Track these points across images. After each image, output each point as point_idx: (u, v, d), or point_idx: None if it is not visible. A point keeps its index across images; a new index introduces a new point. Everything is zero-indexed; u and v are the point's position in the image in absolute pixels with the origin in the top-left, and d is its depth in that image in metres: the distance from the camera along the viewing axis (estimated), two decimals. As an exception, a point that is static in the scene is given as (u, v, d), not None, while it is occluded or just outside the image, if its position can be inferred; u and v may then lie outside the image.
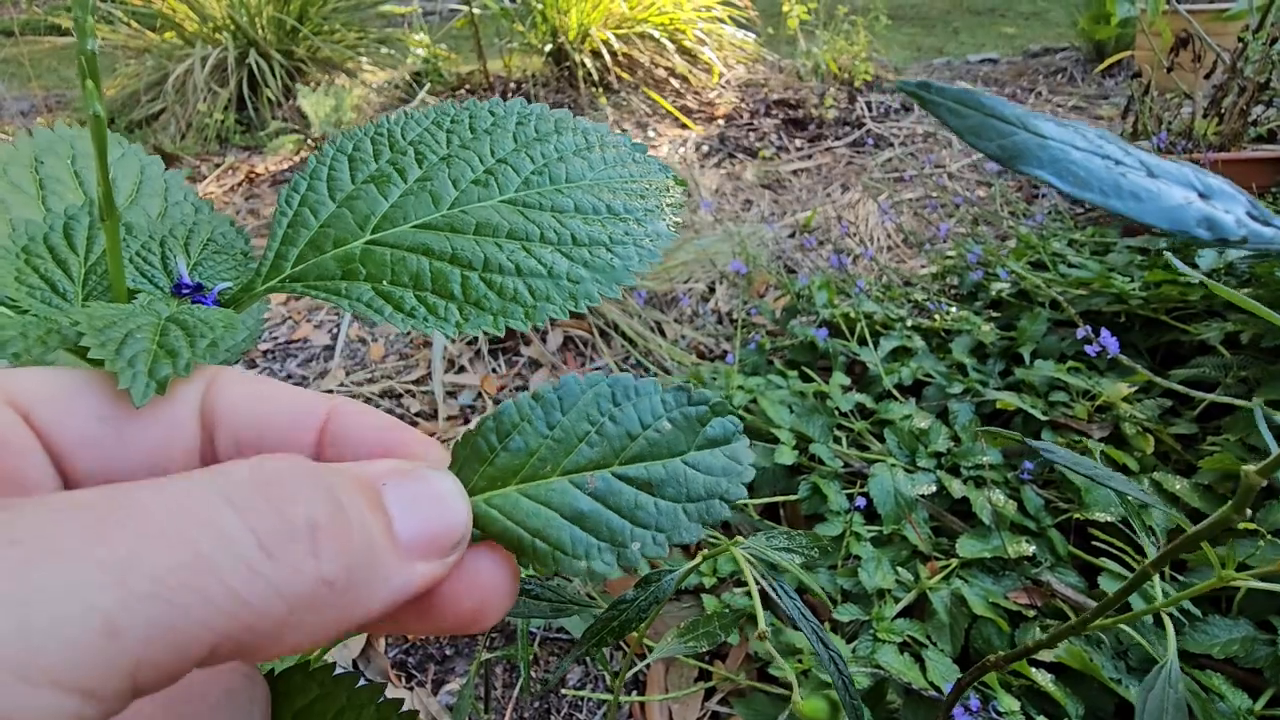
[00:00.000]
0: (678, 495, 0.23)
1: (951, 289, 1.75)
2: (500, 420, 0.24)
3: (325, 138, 2.92)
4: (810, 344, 1.46)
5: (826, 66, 3.43)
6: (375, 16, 4.13)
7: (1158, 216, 0.15)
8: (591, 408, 0.24)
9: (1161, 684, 0.35)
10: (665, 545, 0.22)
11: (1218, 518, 0.35)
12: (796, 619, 0.33)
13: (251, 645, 0.16)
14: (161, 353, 0.22)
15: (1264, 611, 0.85)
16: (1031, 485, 1.06)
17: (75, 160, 0.35)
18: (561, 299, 0.28)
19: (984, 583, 0.94)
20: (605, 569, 0.22)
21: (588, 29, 3.44)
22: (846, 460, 1.17)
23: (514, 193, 0.31)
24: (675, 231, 0.31)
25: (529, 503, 0.23)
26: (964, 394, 1.26)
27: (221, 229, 0.32)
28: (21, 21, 4.29)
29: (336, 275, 0.29)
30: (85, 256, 0.29)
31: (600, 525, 0.22)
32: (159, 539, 0.15)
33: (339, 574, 0.17)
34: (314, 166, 0.31)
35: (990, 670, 0.46)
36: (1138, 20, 2.23)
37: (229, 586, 0.16)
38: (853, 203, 2.39)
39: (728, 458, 0.23)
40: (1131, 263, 1.48)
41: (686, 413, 0.24)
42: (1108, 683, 0.80)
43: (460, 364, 1.70)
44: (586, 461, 0.23)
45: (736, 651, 1.02)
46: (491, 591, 0.22)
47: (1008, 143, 0.15)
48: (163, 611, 0.15)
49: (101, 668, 0.14)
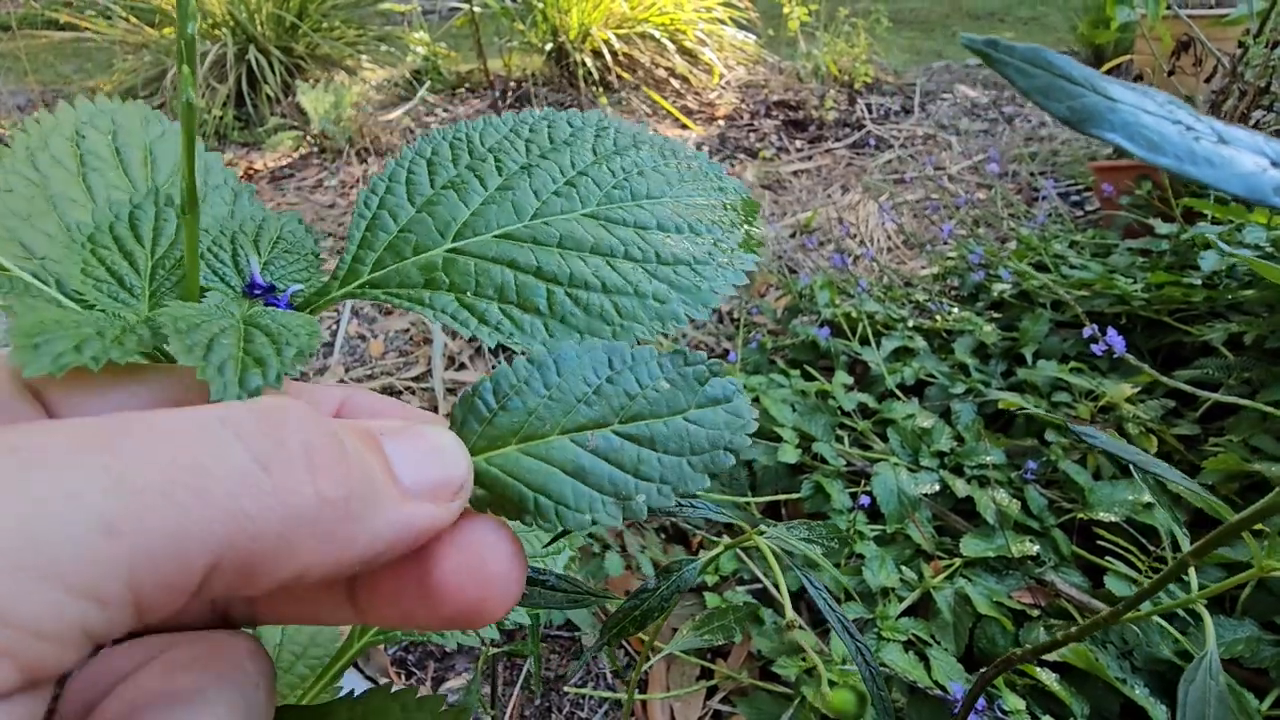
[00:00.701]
0: (680, 449, 0.22)
1: (952, 290, 1.75)
2: (498, 382, 0.24)
3: (324, 134, 2.91)
4: (812, 343, 1.45)
5: (827, 68, 3.43)
6: (375, 14, 4.12)
7: (1234, 183, 0.15)
8: (589, 370, 0.24)
9: (1203, 676, 0.35)
10: (671, 496, 0.22)
11: (1267, 502, 0.34)
12: (824, 610, 0.33)
13: (253, 563, 0.16)
14: (249, 360, 0.21)
15: (1269, 612, 0.85)
16: (1035, 485, 1.06)
17: (116, 136, 0.34)
18: (648, 319, 0.27)
19: (988, 582, 0.94)
20: (610, 519, 0.22)
21: (588, 28, 3.44)
22: (849, 459, 1.17)
23: (595, 206, 0.30)
24: (758, 253, 0.30)
25: (530, 460, 0.22)
26: (966, 394, 1.26)
27: (290, 226, 0.31)
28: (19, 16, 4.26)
29: (419, 283, 0.28)
30: (152, 250, 0.28)
31: (603, 480, 0.22)
32: (159, 448, 0.15)
33: (337, 493, 0.17)
34: (393, 169, 0.30)
35: (1015, 665, 0.46)
36: (1137, 25, 2.24)
37: (229, 492, 0.16)
38: (853, 204, 2.39)
39: (729, 413, 0.23)
40: (1133, 264, 1.48)
41: (684, 373, 0.24)
42: (1113, 682, 0.79)
43: (460, 361, 1.69)
44: (586, 420, 0.23)
45: (739, 650, 1.01)
46: (498, 578, 0.21)
47: (1077, 104, 0.15)
48: (161, 513, 0.15)
49: (103, 568, 0.14)
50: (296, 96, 3.07)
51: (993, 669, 0.46)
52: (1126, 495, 1.00)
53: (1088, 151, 2.59)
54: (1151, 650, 0.83)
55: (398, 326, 1.84)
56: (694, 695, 0.97)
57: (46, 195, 0.31)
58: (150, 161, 0.34)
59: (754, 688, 0.94)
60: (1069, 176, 2.44)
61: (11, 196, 0.30)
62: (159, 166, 0.34)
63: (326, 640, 0.55)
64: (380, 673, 1.03)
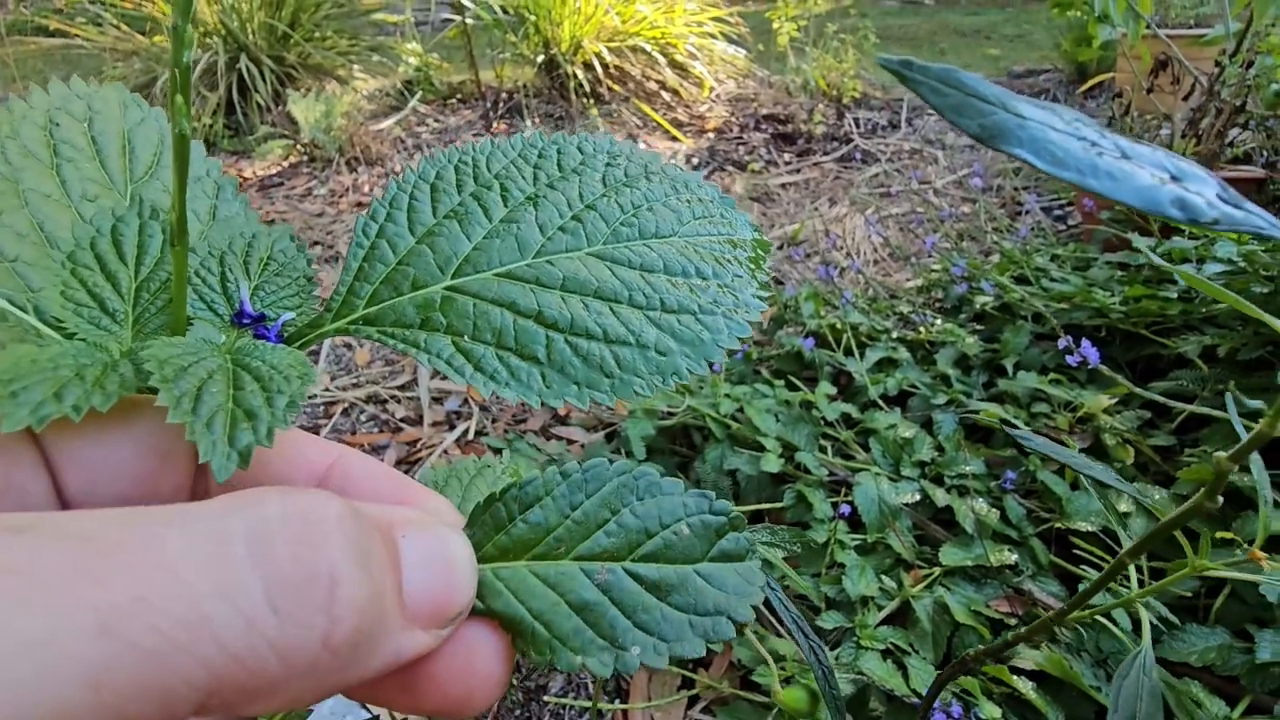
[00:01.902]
0: (685, 605, 0.22)
1: (936, 302, 1.77)
2: (525, 491, 0.23)
3: (314, 143, 2.92)
4: (797, 354, 1.47)
5: (815, 83, 3.47)
6: (367, 25, 4.15)
7: (1132, 195, 0.15)
8: (614, 496, 0.23)
9: (1136, 672, 0.35)
10: (666, 656, 0.21)
11: (1192, 504, 0.35)
12: (778, 608, 0.33)
13: (240, 703, 0.16)
14: (240, 412, 0.20)
15: (1240, 620, 0.86)
16: (1014, 495, 1.07)
17: (92, 123, 0.33)
18: (648, 372, 0.26)
19: (966, 591, 0.95)
20: (600, 669, 0.21)
21: (580, 41, 3.47)
22: (831, 469, 1.18)
23: (601, 245, 0.29)
24: (764, 302, 0.29)
25: (536, 582, 0.22)
26: (948, 404, 1.28)
27: (281, 244, 0.30)
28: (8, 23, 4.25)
29: (415, 323, 0.27)
30: (135, 270, 0.27)
31: (602, 621, 0.21)
32: (161, 587, 0.15)
33: (345, 638, 0.17)
34: (394, 194, 0.29)
35: (969, 668, 0.47)
36: (1118, 43, 2.29)
37: (225, 647, 0.15)
38: (840, 216, 2.42)
39: (740, 576, 0.22)
40: (1112, 278, 1.50)
41: (706, 520, 0.23)
42: (1087, 690, 0.80)
43: (447, 370, 1.69)
44: (601, 550, 0.22)
45: (720, 660, 1.01)
46: (484, 680, 0.21)
47: (988, 121, 0.16)
48: (150, 668, 0.14)
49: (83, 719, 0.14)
50: (287, 105, 3.08)
51: (948, 670, 0.46)
52: (1103, 505, 1.01)
53: (1070, 167, 2.63)
54: (1126, 658, 0.84)
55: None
56: (675, 705, 0.97)
57: (18, 190, 0.30)
58: (128, 151, 0.33)
59: (734, 696, 0.94)
60: (1051, 191, 2.48)
61: None
62: (137, 156, 0.33)
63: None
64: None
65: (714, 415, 1.26)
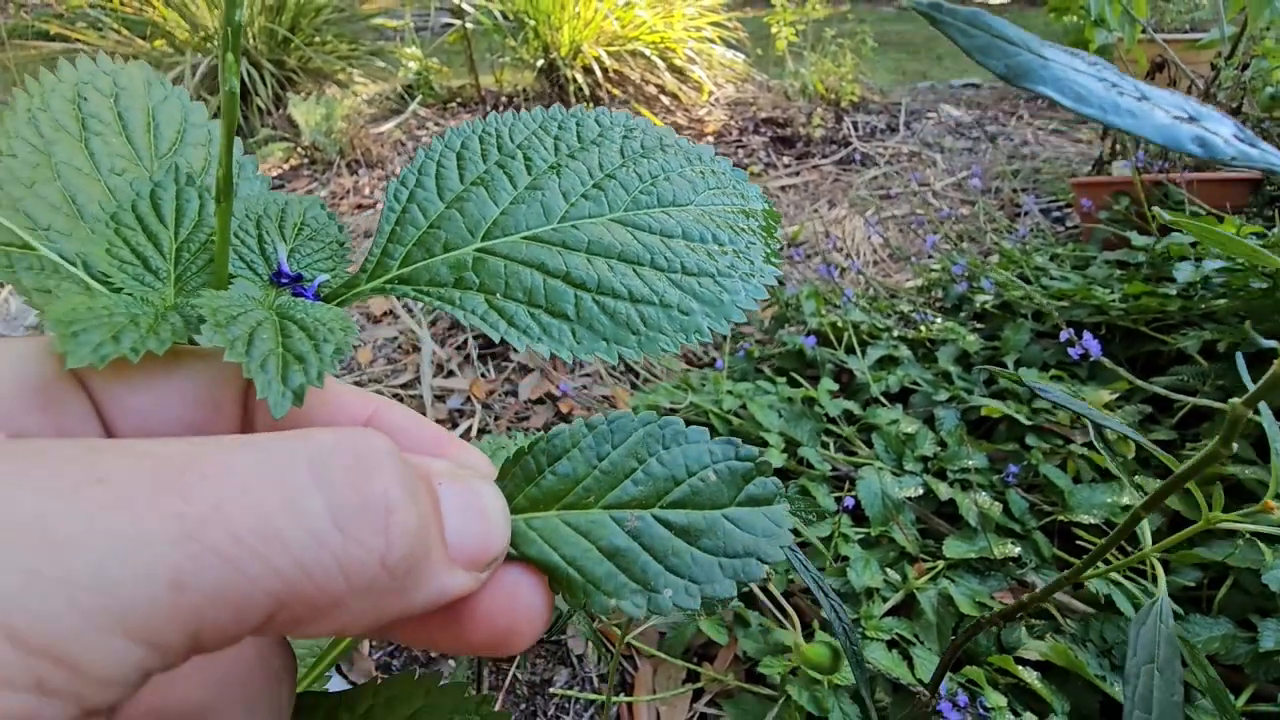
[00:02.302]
0: (715, 549, 0.22)
1: (936, 301, 1.78)
2: (553, 443, 0.24)
3: (315, 146, 2.92)
4: (798, 352, 1.47)
5: (814, 87, 3.49)
6: (367, 29, 4.16)
7: (1152, 131, 0.16)
8: (641, 446, 0.24)
9: (1153, 619, 0.36)
10: (698, 598, 0.21)
11: (1206, 453, 0.36)
12: (798, 568, 0.34)
13: (305, 618, 0.17)
14: (290, 357, 0.21)
15: (1243, 610, 0.87)
16: (1016, 489, 1.08)
17: (119, 99, 0.33)
18: (672, 329, 0.27)
19: (970, 583, 0.95)
20: (634, 610, 0.21)
21: (579, 45, 3.49)
22: (834, 464, 1.18)
23: (623, 211, 0.30)
24: (777, 267, 0.30)
25: (568, 530, 0.22)
26: (950, 401, 1.28)
27: (313, 212, 0.31)
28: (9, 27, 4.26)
29: (449, 282, 0.28)
30: (175, 231, 0.27)
31: (634, 565, 0.22)
32: (235, 500, 0.16)
33: (399, 561, 0.17)
34: (422, 162, 0.30)
35: (981, 630, 0.47)
36: (1114, 48, 2.30)
37: (296, 559, 0.16)
38: (839, 218, 2.43)
39: (768, 519, 0.23)
40: (1111, 276, 1.51)
41: (733, 466, 0.23)
42: (1093, 679, 0.80)
43: (449, 369, 1.70)
44: (629, 498, 0.23)
45: (725, 653, 1.02)
46: (526, 613, 0.22)
47: (1013, 61, 0.16)
48: (228, 573, 0.15)
49: (165, 619, 0.14)
50: (288, 109, 3.09)
51: (963, 635, 0.47)
52: (1105, 498, 1.01)
53: (1068, 169, 2.65)
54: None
55: (386, 334, 1.84)
56: (680, 698, 0.97)
57: (50, 162, 0.31)
58: (153, 127, 0.34)
59: (740, 689, 0.94)
60: (1050, 193, 2.49)
61: (16, 163, 0.30)
62: (162, 133, 0.34)
63: (309, 641, 0.55)
64: (364, 677, 1.02)
65: (717, 411, 1.26)
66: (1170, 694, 0.33)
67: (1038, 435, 1.15)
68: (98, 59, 0.35)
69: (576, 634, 1.06)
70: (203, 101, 0.38)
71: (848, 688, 0.81)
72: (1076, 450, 1.10)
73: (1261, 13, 1.82)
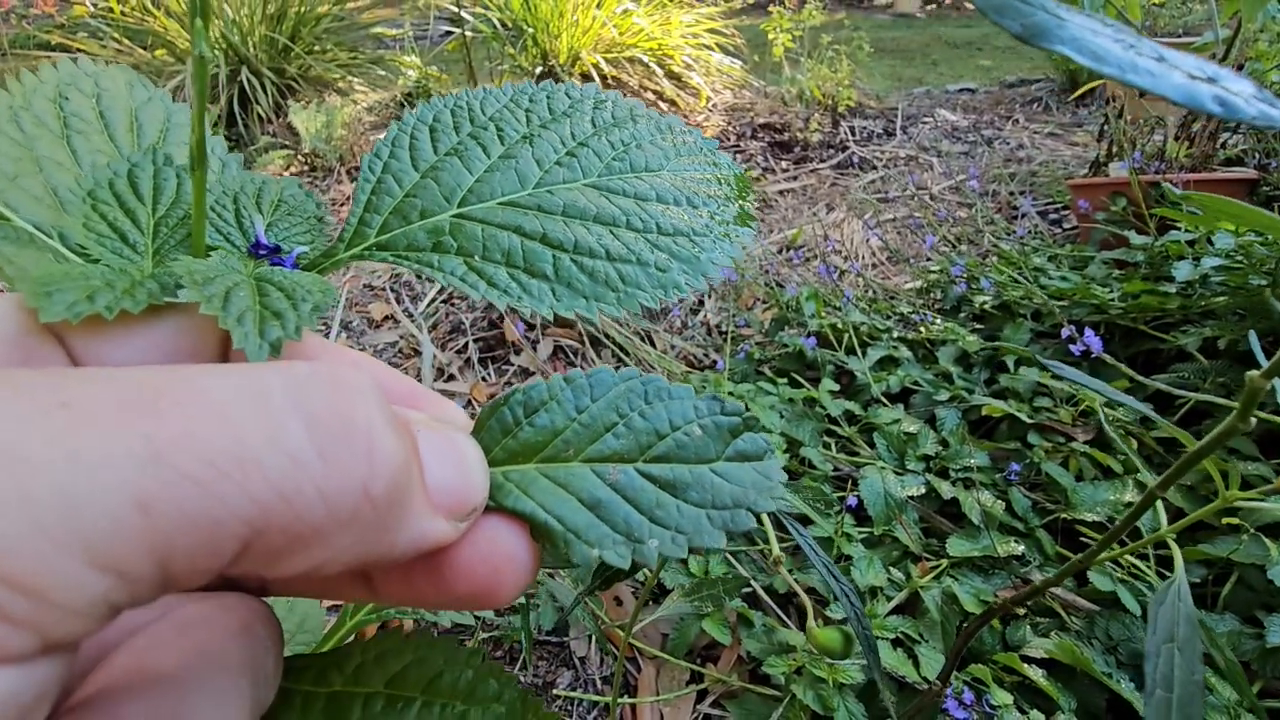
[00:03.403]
0: (702, 501, 0.21)
1: (935, 303, 1.79)
2: (530, 395, 0.23)
3: (315, 153, 2.93)
4: (799, 353, 1.47)
5: (811, 93, 3.51)
6: (367, 38, 4.18)
7: (1172, 90, 0.16)
8: (622, 400, 0.23)
9: (1172, 598, 0.36)
10: (685, 547, 0.21)
11: (1223, 429, 0.36)
12: (809, 553, 0.34)
13: (282, 550, 0.16)
14: (267, 313, 0.21)
15: (1249, 606, 0.86)
16: (1019, 487, 1.08)
17: (100, 99, 0.34)
18: (651, 287, 0.27)
19: (974, 581, 0.95)
20: (618, 560, 0.21)
21: (578, 53, 3.50)
22: (836, 464, 1.18)
23: (596, 177, 0.30)
24: (751, 228, 0.30)
25: (547, 482, 0.22)
26: (950, 400, 1.28)
27: (290, 190, 0.31)
28: (10, 38, 4.28)
29: (426, 247, 0.28)
30: (153, 208, 0.27)
31: (617, 517, 0.21)
32: (207, 423, 0.15)
33: (383, 491, 0.17)
34: (395, 134, 0.31)
35: (998, 615, 0.47)
36: (1110, 50, 2.31)
37: (274, 484, 0.15)
38: (838, 222, 2.43)
39: (759, 473, 0.22)
40: (1109, 275, 1.52)
41: (718, 421, 0.23)
42: (1099, 676, 0.80)
43: (450, 372, 1.69)
44: (610, 452, 0.22)
45: (728, 654, 1.01)
46: (509, 560, 0.21)
47: (1029, 21, 0.16)
48: (199, 497, 0.14)
49: (132, 545, 0.14)
50: (288, 116, 3.10)
51: (977, 621, 0.47)
52: (1108, 496, 1.01)
53: (1064, 171, 2.66)
54: (1136, 645, 0.84)
55: (387, 339, 1.84)
56: (683, 699, 0.97)
57: (33, 157, 0.31)
58: (136, 128, 0.34)
59: (744, 690, 0.93)
60: (1046, 195, 2.50)
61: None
62: (144, 133, 0.34)
63: (315, 626, 0.55)
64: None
65: (718, 412, 1.26)
66: (1191, 672, 0.32)
67: (1039, 434, 1.15)
68: (79, 61, 0.35)
69: (579, 636, 1.06)
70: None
71: (853, 686, 0.81)
72: (1078, 448, 1.10)
73: (1255, 16, 1.83)
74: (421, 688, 0.27)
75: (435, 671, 0.27)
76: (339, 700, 0.26)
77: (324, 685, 0.27)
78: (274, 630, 0.23)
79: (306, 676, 0.27)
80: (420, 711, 0.26)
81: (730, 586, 0.51)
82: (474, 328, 1.83)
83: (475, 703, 0.27)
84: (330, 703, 0.26)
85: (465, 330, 1.82)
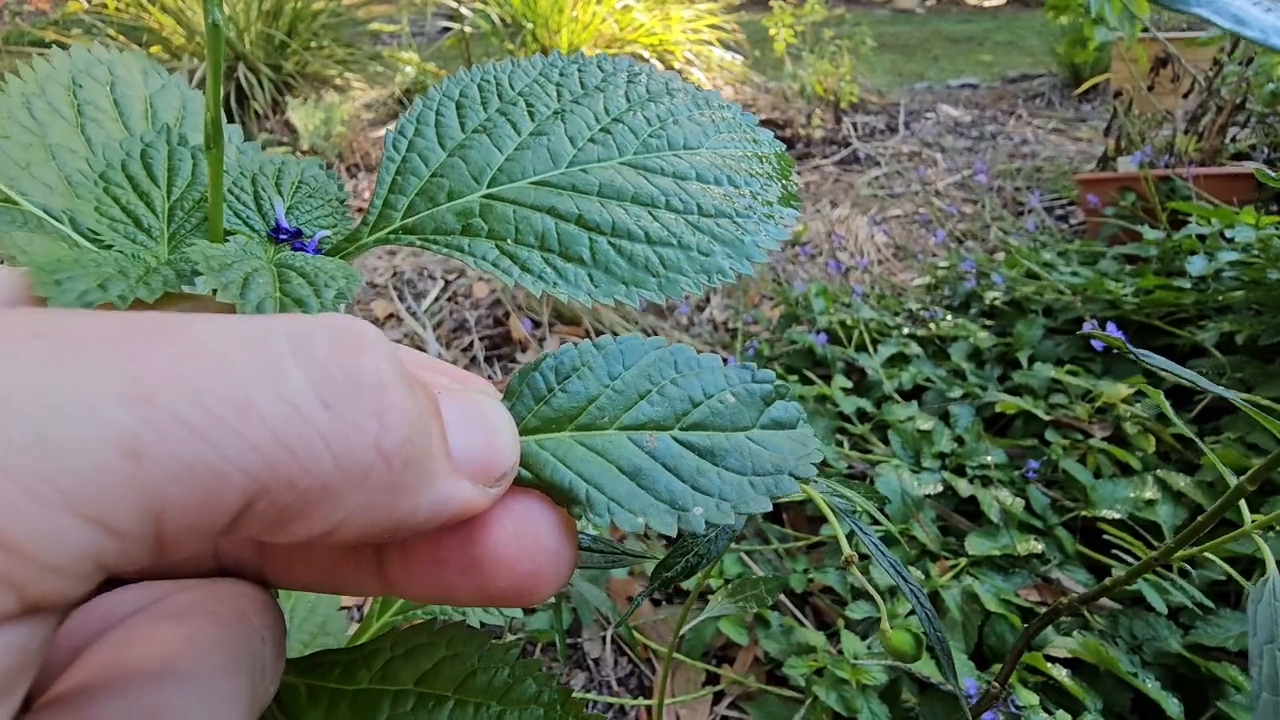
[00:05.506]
0: (742, 468, 0.21)
1: (944, 299, 1.77)
2: (560, 361, 0.22)
3: (314, 149, 2.91)
4: (809, 350, 1.46)
5: (813, 88, 3.49)
6: (364, 34, 4.16)
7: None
8: (653, 368, 0.22)
9: (1268, 596, 0.35)
10: (731, 513, 0.20)
11: None
12: (874, 553, 0.33)
13: (288, 510, 0.14)
14: (288, 301, 0.20)
15: None
16: (1037, 484, 1.07)
17: (115, 86, 0.32)
18: (694, 271, 0.26)
19: (994, 580, 0.94)
20: (665, 528, 0.20)
21: (578, 48, 3.48)
22: (850, 462, 1.17)
23: (633, 155, 0.29)
24: (796, 209, 0.29)
25: (583, 450, 0.21)
26: (964, 397, 1.27)
27: (311, 171, 0.29)
28: (4, 35, 4.25)
29: (455, 229, 0.27)
30: (168, 190, 0.26)
31: (659, 486, 0.20)
32: (200, 363, 0.13)
33: (397, 447, 0.15)
34: (420, 110, 0.29)
35: (1064, 612, 0.46)
36: (1113, 45, 2.30)
37: (276, 433, 0.14)
38: (843, 218, 2.42)
39: (794, 441, 0.22)
40: (1121, 270, 1.50)
41: (751, 389, 0.22)
42: (1125, 676, 0.79)
43: (454, 371, 1.68)
44: (646, 420, 0.22)
45: (744, 655, 1.00)
46: (551, 553, 0.20)
47: (1167, -17, 0.15)
48: (194, 444, 0.13)
49: (120, 494, 0.12)
50: (287, 112, 3.07)
51: (1040, 620, 0.45)
52: (1128, 493, 1.00)
53: (1070, 167, 2.65)
54: (1161, 644, 0.83)
55: (393, 337, 1.83)
56: (700, 700, 0.95)
57: (45, 145, 0.30)
58: (150, 115, 0.33)
59: (761, 691, 0.92)
60: (1053, 191, 2.49)
61: (9, 144, 0.29)
62: (159, 120, 0.33)
63: (337, 629, 0.53)
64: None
65: (730, 410, 1.25)
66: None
67: (1057, 430, 1.14)
68: (92, 48, 0.34)
69: (593, 637, 1.04)
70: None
71: (876, 688, 0.80)
72: (1096, 445, 1.09)
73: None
74: (454, 686, 0.25)
75: (469, 669, 0.26)
76: (366, 698, 0.25)
77: (350, 682, 0.25)
78: (273, 618, 0.21)
79: (332, 673, 0.26)
80: (453, 712, 0.25)
81: (772, 587, 0.50)
82: (479, 325, 1.81)
83: (511, 704, 0.26)
84: (357, 701, 0.25)
85: (470, 328, 1.81)
